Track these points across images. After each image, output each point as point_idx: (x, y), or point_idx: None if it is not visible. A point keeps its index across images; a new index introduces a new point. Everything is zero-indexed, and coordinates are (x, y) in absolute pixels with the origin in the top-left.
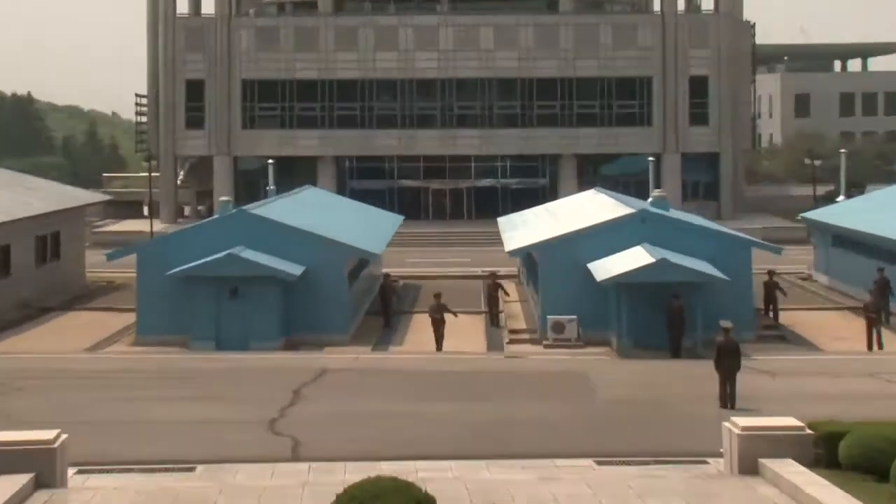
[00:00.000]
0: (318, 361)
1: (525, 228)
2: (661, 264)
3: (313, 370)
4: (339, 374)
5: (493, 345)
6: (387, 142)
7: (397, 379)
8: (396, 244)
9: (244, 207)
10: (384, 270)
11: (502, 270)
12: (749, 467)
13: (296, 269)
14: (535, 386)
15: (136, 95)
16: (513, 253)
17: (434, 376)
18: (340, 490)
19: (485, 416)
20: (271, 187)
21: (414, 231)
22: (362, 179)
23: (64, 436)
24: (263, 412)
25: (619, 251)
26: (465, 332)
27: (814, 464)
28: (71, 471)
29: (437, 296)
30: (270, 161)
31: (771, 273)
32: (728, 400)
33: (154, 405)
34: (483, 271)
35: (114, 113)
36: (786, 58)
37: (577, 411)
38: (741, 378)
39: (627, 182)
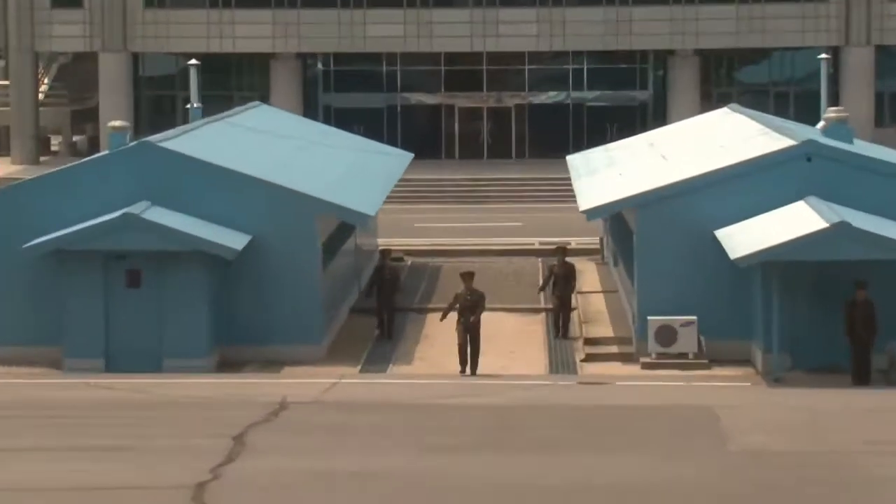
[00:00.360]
0: (274, 390)
1: (612, 173)
2: (839, 231)
3: (265, 405)
4: (307, 409)
5: (560, 363)
6: (385, 30)
7: (401, 418)
8: (401, 198)
9: (150, 139)
10: (381, 243)
11: (575, 242)
12: None
13: (236, 241)
14: (627, 430)
15: None
16: (592, 213)
17: (460, 414)
18: None
19: (544, 481)
20: (195, 105)
21: (430, 178)
22: (344, 92)
23: None
24: (186, 471)
25: (767, 210)
26: (515, 343)
27: None
28: None
29: (468, 277)
30: (193, 62)
31: None
32: None
33: (6, 462)
34: (543, 244)
35: None
36: None
37: (698, 472)
38: None
39: (783, 95)
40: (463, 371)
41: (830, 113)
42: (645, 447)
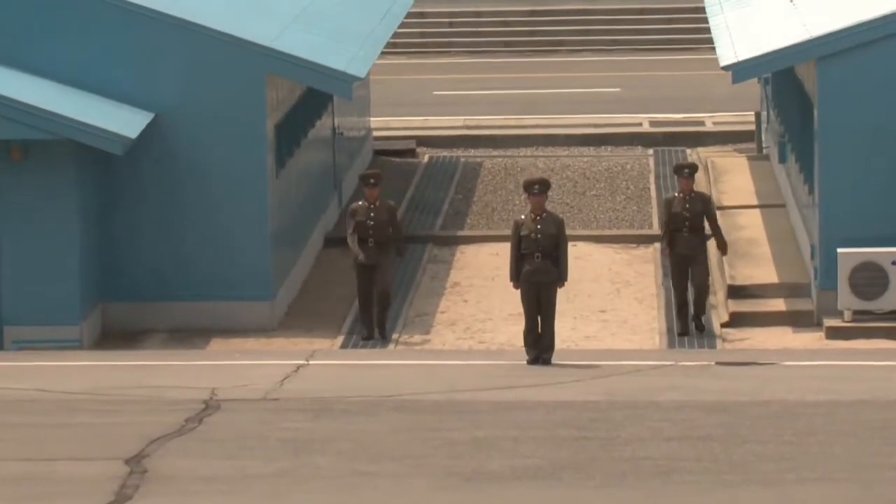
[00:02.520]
0: (196, 379)
1: (776, 1)
2: None
3: (181, 404)
4: (250, 412)
5: (687, 330)
6: None
7: (409, 425)
8: (412, 46)
9: None
10: (376, 126)
11: (711, 122)
12: None
13: (128, 122)
14: (804, 442)
15: None
16: (741, 71)
17: (514, 418)
18: None
19: None
20: None
21: (461, 10)
22: None
23: None
24: None
25: None
26: (609, 296)
27: None
28: None
29: (537, 188)
30: None
31: None
32: None
33: None
34: (657, 125)
35: None
36: None
37: None
38: None
39: None
40: (535, 360)
41: None
42: (840, 469)
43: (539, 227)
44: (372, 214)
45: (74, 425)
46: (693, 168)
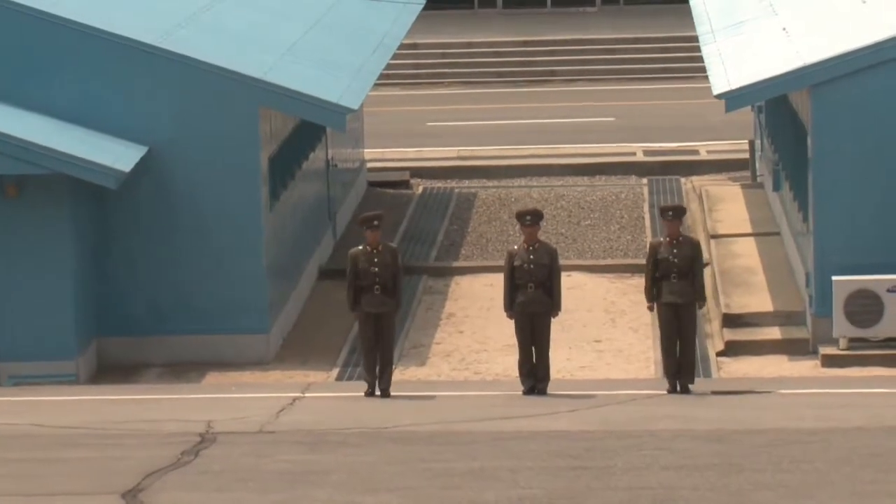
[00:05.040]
0: (192, 412)
1: (772, 26)
2: None
3: (177, 437)
4: (246, 444)
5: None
6: None
7: (407, 456)
8: (405, 77)
9: None
10: (371, 158)
11: (705, 151)
12: None
13: (121, 156)
14: (800, 469)
15: None
16: (734, 99)
17: (511, 448)
18: None
19: None
20: None
21: (454, 41)
22: None
23: None
24: None
25: None
26: (605, 325)
27: None
28: None
29: (530, 219)
30: None
31: None
32: None
33: None
34: (651, 154)
35: None
36: None
37: None
38: None
39: None
40: (531, 391)
41: None
42: None
43: (532, 257)
44: (375, 260)
45: (71, 460)
46: (679, 211)
